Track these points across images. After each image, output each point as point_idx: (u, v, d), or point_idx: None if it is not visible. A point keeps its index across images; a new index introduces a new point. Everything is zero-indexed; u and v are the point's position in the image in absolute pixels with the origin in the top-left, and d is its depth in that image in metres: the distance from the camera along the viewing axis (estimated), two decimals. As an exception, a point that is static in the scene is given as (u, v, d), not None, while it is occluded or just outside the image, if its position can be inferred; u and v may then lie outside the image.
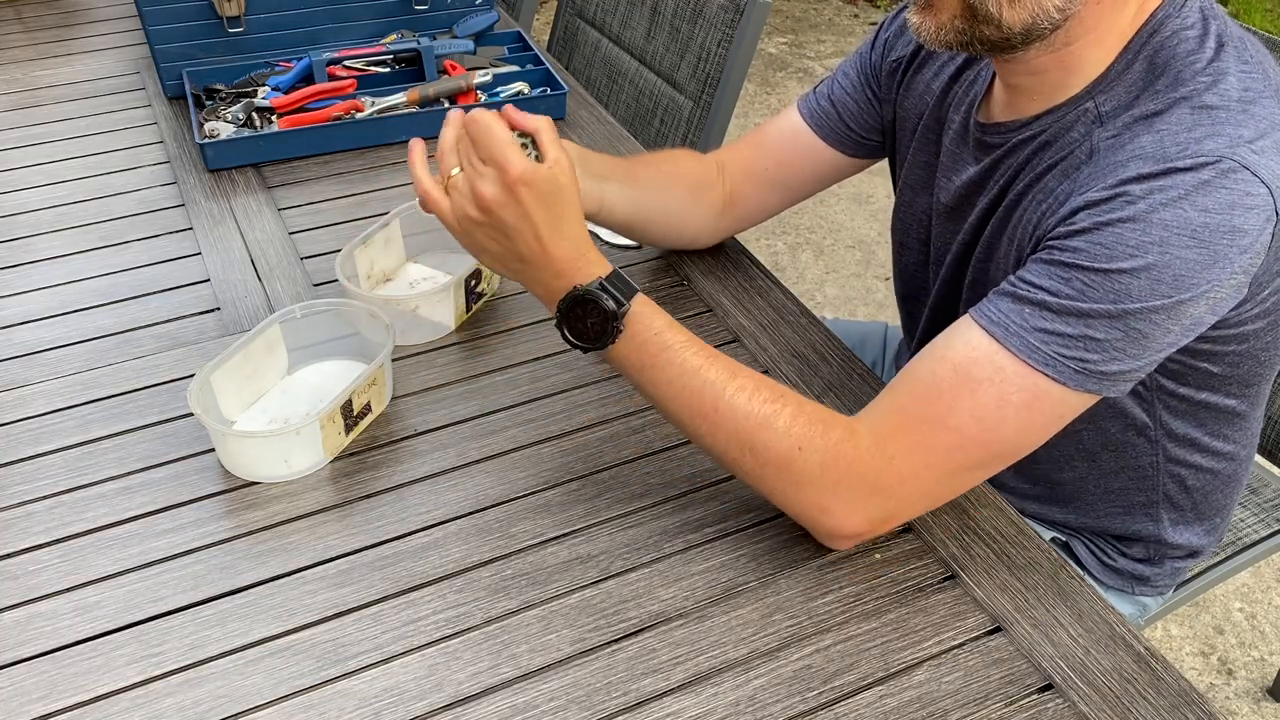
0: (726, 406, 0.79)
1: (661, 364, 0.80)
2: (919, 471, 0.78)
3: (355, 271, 1.09)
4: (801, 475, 0.78)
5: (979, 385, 0.75)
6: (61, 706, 0.74)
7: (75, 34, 1.76)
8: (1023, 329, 0.74)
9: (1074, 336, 0.73)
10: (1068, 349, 0.73)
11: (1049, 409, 0.76)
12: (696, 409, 0.80)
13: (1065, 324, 0.73)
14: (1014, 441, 0.78)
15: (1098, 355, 0.74)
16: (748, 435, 0.79)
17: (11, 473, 0.92)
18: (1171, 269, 0.71)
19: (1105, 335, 0.73)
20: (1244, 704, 1.65)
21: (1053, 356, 0.74)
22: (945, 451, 0.77)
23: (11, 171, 1.38)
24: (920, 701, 0.74)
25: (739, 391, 0.79)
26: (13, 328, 1.10)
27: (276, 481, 0.91)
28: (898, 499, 0.79)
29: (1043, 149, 0.84)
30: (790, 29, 3.99)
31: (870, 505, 0.79)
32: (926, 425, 0.77)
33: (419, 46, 1.49)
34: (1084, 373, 0.74)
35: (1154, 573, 1.06)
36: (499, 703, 0.74)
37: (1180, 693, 0.75)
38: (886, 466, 0.78)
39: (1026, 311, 0.74)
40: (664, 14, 1.67)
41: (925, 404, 0.77)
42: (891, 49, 1.03)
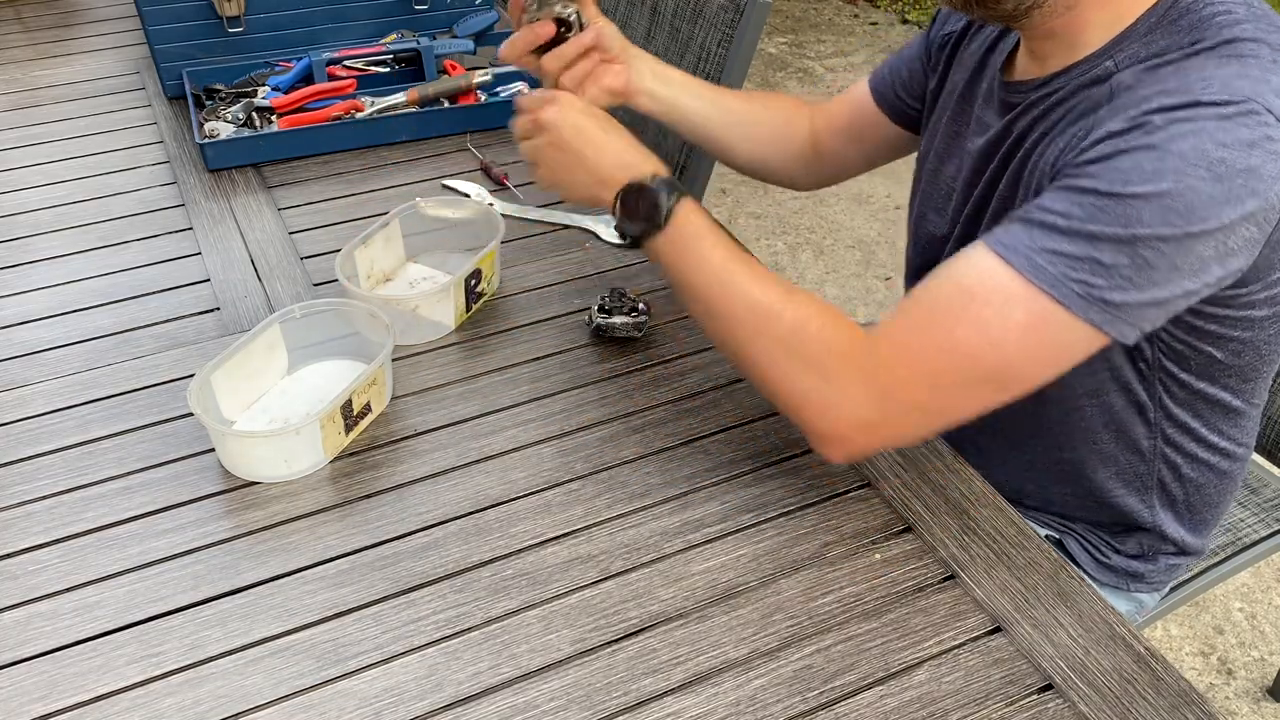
0: (742, 292, 0.84)
1: (692, 249, 0.86)
2: (914, 377, 0.79)
3: (355, 271, 1.09)
4: (801, 359, 0.81)
5: (983, 301, 0.76)
6: (61, 706, 0.74)
7: (75, 34, 1.76)
8: (1030, 250, 0.75)
9: (1080, 258, 0.73)
10: (1073, 270, 0.73)
11: (1051, 334, 0.76)
12: (717, 293, 0.85)
13: (1072, 245, 0.73)
14: (1013, 363, 0.77)
15: (1103, 281, 0.73)
16: (759, 317, 0.83)
17: (11, 473, 0.92)
18: (1184, 198, 0.71)
19: (1112, 260, 0.73)
20: (1244, 704, 1.65)
21: (1058, 278, 0.74)
22: (941, 360, 0.78)
23: (11, 171, 1.38)
24: (920, 701, 0.74)
25: (756, 282, 0.84)
26: (13, 328, 1.10)
27: (276, 481, 0.91)
28: (890, 405, 0.80)
29: (1058, 105, 0.85)
30: (790, 29, 3.99)
31: (855, 396, 0.80)
32: (926, 334, 0.78)
33: (419, 46, 1.49)
34: (1088, 298, 0.74)
35: (1148, 569, 1.06)
36: (499, 703, 0.74)
37: (1180, 693, 0.75)
38: (882, 367, 0.79)
39: (1036, 233, 0.75)
40: (664, 14, 1.67)
41: (928, 315, 0.79)
42: (945, 24, 1.06)
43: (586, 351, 1.06)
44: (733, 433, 0.96)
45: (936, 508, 0.89)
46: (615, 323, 1.05)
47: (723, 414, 0.98)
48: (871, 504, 0.89)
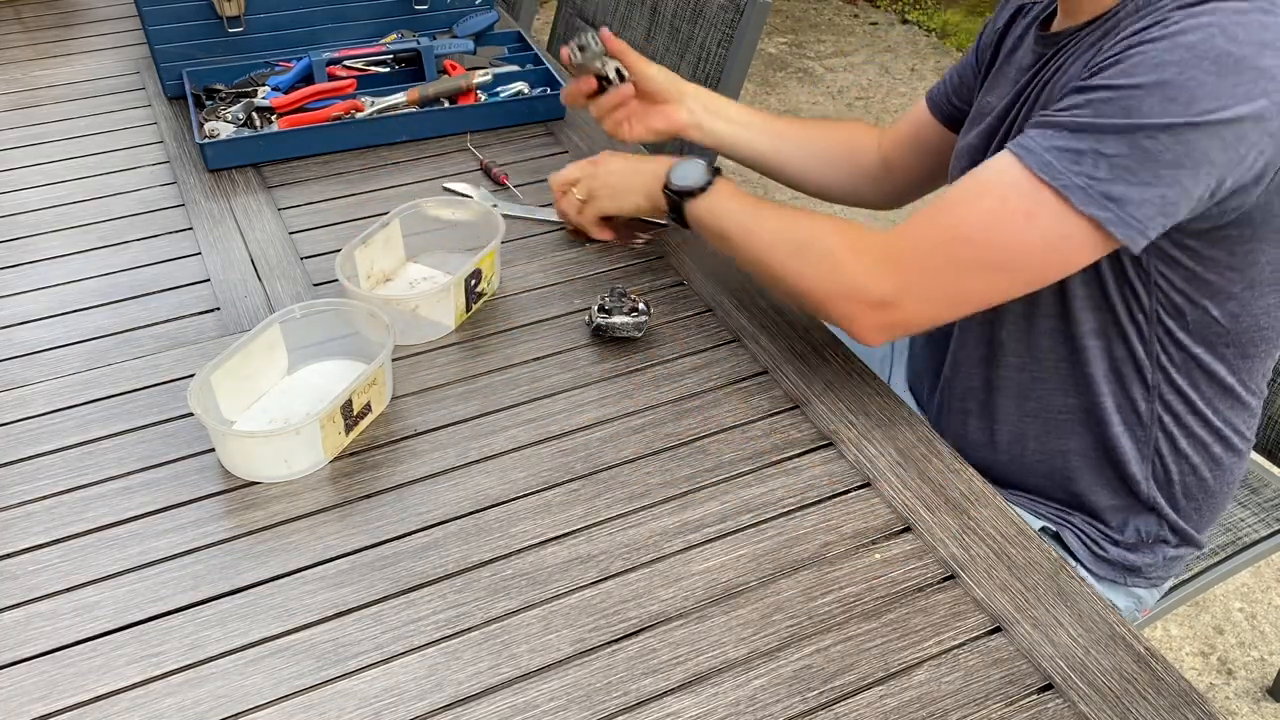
0: (770, 220, 0.98)
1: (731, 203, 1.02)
2: (924, 258, 0.86)
3: (355, 271, 1.09)
4: (808, 259, 0.93)
5: (989, 192, 0.83)
6: (61, 706, 0.74)
7: (75, 34, 1.76)
8: (1041, 148, 0.80)
9: (1084, 152, 0.78)
10: (1076, 163, 0.78)
11: (1054, 226, 0.80)
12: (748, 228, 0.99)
13: (1078, 140, 0.78)
14: (1018, 252, 0.83)
15: (1105, 173, 0.77)
16: (778, 237, 0.96)
17: (11, 473, 0.92)
18: (1186, 89, 0.73)
19: (1114, 150, 0.76)
20: (1244, 704, 1.65)
21: (1061, 171, 0.78)
22: (949, 243, 0.85)
23: (11, 171, 1.38)
24: (920, 701, 0.74)
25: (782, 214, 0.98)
26: (13, 328, 1.10)
27: (276, 481, 0.91)
28: (900, 282, 0.88)
29: (1097, 41, 0.87)
30: (790, 29, 3.99)
31: (867, 282, 0.89)
32: (937, 216, 0.87)
33: (419, 46, 1.49)
34: (1089, 190, 0.78)
35: (1145, 563, 1.06)
36: (499, 703, 0.74)
37: (1180, 693, 0.75)
38: (890, 250, 0.89)
39: (1050, 133, 0.80)
40: (664, 14, 1.67)
41: (943, 205, 0.87)
42: (997, 19, 1.10)
43: (586, 351, 1.06)
44: (733, 433, 0.96)
45: (936, 508, 0.89)
46: (615, 323, 1.05)
47: (723, 414, 0.98)
48: (871, 504, 0.89)
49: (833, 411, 0.98)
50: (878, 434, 0.96)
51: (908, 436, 0.96)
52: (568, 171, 1.18)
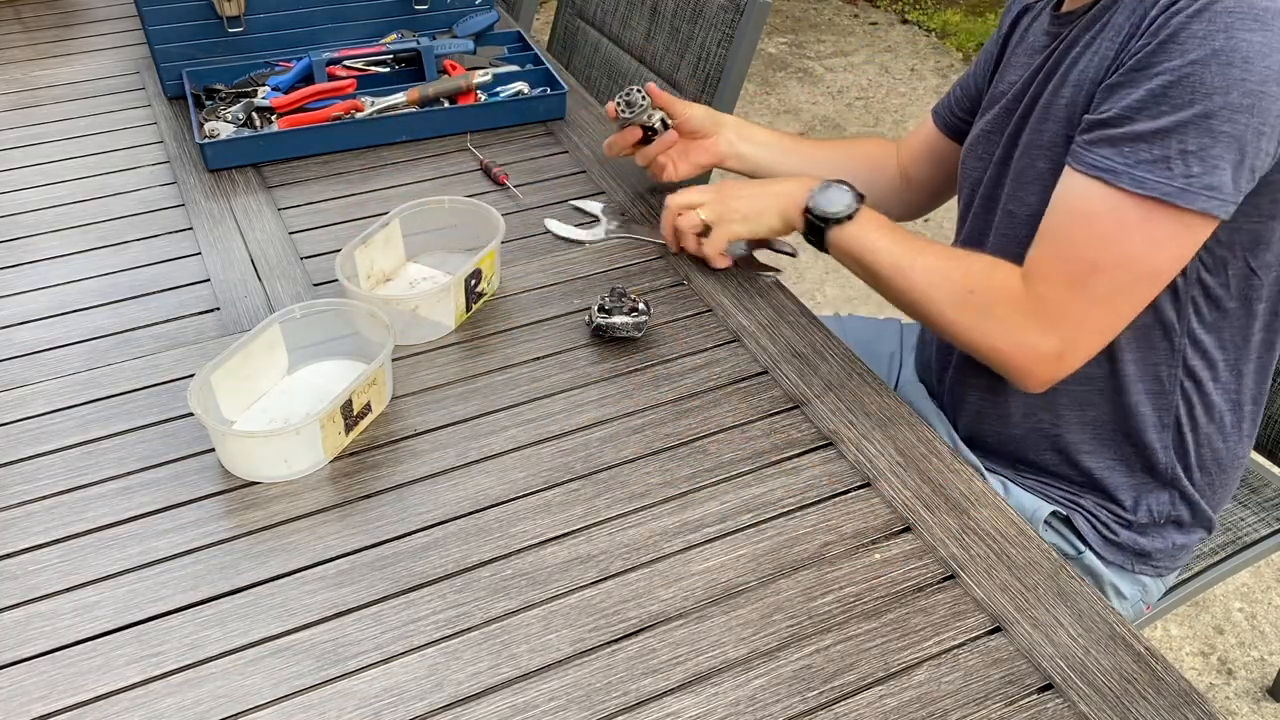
0: (922, 264, 0.97)
1: (879, 236, 1.00)
2: (1072, 302, 0.88)
3: (355, 271, 1.09)
4: (976, 315, 0.94)
5: (1095, 220, 0.85)
6: (61, 706, 0.74)
7: (75, 34, 1.76)
8: (1127, 167, 0.82)
9: (1170, 157, 0.80)
10: (1168, 169, 0.80)
11: (1164, 229, 0.83)
12: (899, 269, 0.98)
13: (1160, 146, 0.80)
14: (1144, 258, 0.85)
15: (1198, 168, 0.80)
16: (934, 286, 0.96)
17: (11, 473, 0.92)
18: (1239, 51, 0.75)
19: (1197, 145, 0.78)
20: (1244, 704, 1.65)
21: (1156, 182, 0.81)
22: (1085, 279, 0.87)
23: (11, 171, 1.38)
24: (920, 701, 0.74)
25: (932, 255, 0.98)
26: (13, 328, 1.10)
27: (276, 481, 0.91)
28: (1061, 332, 0.89)
29: (1102, 14, 0.91)
30: (790, 29, 3.99)
31: (1037, 342, 0.91)
32: (1062, 262, 0.88)
33: (419, 46, 1.49)
34: (1188, 190, 0.80)
35: (1155, 547, 1.06)
36: (499, 703, 0.74)
37: (1180, 693, 0.75)
38: (1042, 305, 0.89)
39: (1125, 149, 0.82)
40: (664, 14, 1.67)
41: (1057, 246, 0.88)
42: (1002, 26, 1.11)
43: (586, 351, 1.06)
44: (732, 433, 0.96)
45: (936, 508, 0.89)
46: (615, 323, 1.05)
47: (723, 414, 0.98)
48: (871, 504, 0.89)
49: (833, 411, 0.98)
50: (878, 434, 0.96)
51: (908, 436, 0.96)
52: (690, 194, 1.14)
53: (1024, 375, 0.93)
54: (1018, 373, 0.94)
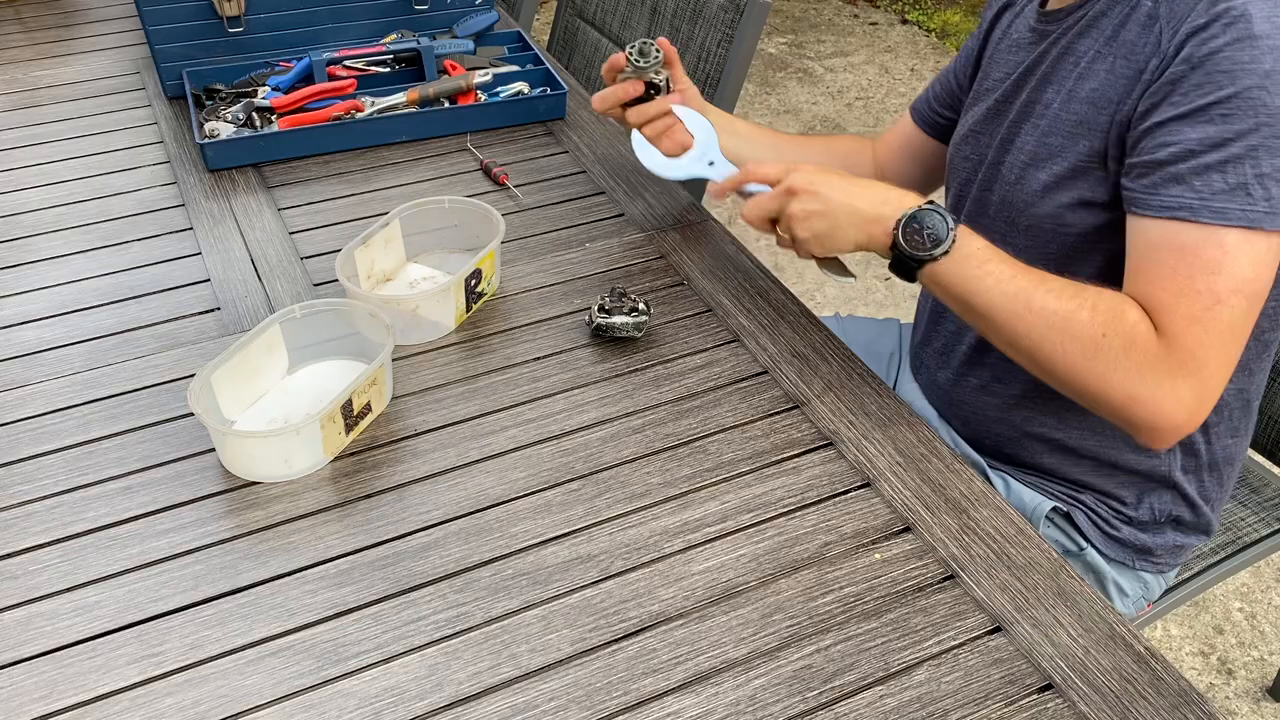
0: (1039, 306, 0.85)
1: (984, 273, 0.88)
2: (1202, 339, 0.82)
3: (355, 271, 1.09)
4: (1107, 361, 0.83)
5: (1197, 248, 0.81)
6: (61, 706, 0.74)
7: (75, 34, 1.76)
8: (1203, 200, 0.80)
9: (1249, 184, 0.79)
10: (1250, 196, 0.79)
11: (1264, 249, 0.80)
12: (1011, 311, 0.87)
13: (1235, 175, 0.79)
14: (1256, 280, 0.81)
15: (1276, 189, 0.79)
16: (1057, 329, 0.85)
17: (12, 473, 0.92)
18: None
19: (1270, 166, 0.78)
20: (1244, 704, 1.65)
21: (1243, 210, 0.79)
22: (1209, 312, 0.81)
23: (11, 171, 1.38)
24: (920, 701, 0.74)
25: (1048, 293, 0.86)
26: (13, 328, 1.10)
27: (276, 481, 0.91)
28: (1197, 373, 0.82)
29: (1099, 18, 0.90)
30: (790, 29, 3.99)
31: (1177, 387, 0.83)
32: (1180, 299, 0.82)
33: (419, 46, 1.49)
34: (1271, 213, 0.79)
35: (1156, 543, 1.06)
36: (499, 703, 0.74)
37: (1180, 693, 0.75)
38: (1173, 344, 0.82)
39: (1197, 184, 0.80)
40: (664, 14, 1.67)
41: (1164, 284, 0.82)
42: (982, 22, 1.11)
43: (586, 351, 1.06)
44: (732, 433, 0.96)
45: (936, 508, 0.89)
46: (615, 323, 1.05)
47: (723, 414, 0.98)
48: (871, 504, 0.89)
49: (833, 411, 0.98)
50: (878, 434, 0.96)
51: (908, 436, 0.96)
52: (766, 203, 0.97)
53: (1160, 427, 0.84)
54: (1154, 423, 0.84)
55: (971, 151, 1.06)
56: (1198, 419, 0.84)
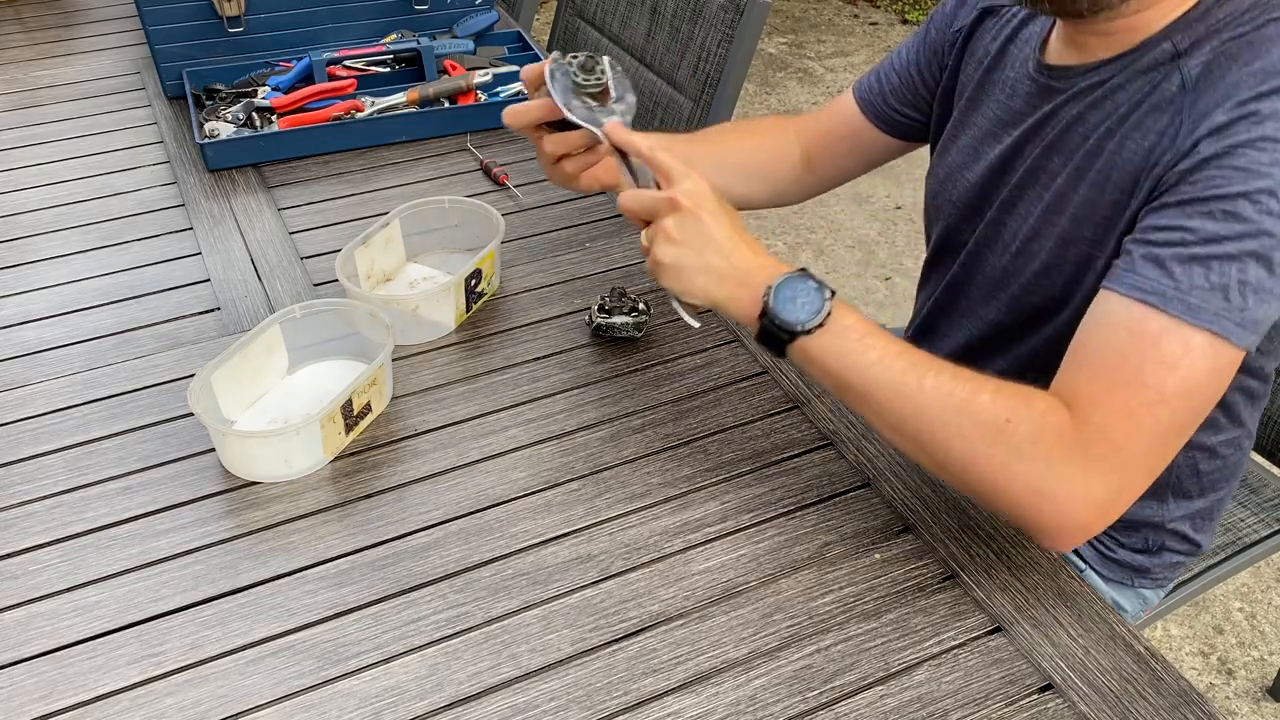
0: (931, 385, 0.77)
1: (864, 348, 0.79)
2: (1132, 437, 0.74)
3: (355, 271, 1.09)
4: (1011, 449, 0.74)
5: (1159, 339, 0.73)
6: (61, 706, 0.74)
7: (75, 34, 1.76)
8: (1179, 291, 0.73)
9: (1229, 286, 0.72)
10: (1227, 300, 0.72)
11: (1223, 362, 0.74)
12: (899, 391, 0.78)
13: (1219, 275, 0.72)
14: (1207, 389, 0.75)
15: (1251, 302, 0.72)
16: (953, 411, 0.76)
17: (12, 473, 0.92)
18: None
19: (1255, 276, 0.72)
20: (1244, 704, 1.65)
21: (1216, 313, 0.72)
22: (1149, 410, 0.74)
23: (11, 171, 1.38)
24: (920, 701, 0.74)
25: (941, 372, 0.78)
26: (13, 328, 1.10)
27: (276, 481, 0.91)
28: (1117, 473, 0.75)
29: (1116, 91, 0.83)
30: (790, 29, 3.99)
31: (1090, 483, 0.75)
32: (1123, 389, 0.74)
33: (419, 46, 1.49)
34: (1243, 324, 0.73)
35: (1153, 563, 1.06)
36: (499, 703, 0.74)
37: (1180, 693, 0.75)
38: (1097, 435, 0.74)
39: (1177, 272, 0.73)
40: (664, 14, 1.67)
41: (1113, 370, 0.75)
42: (953, 20, 1.03)
43: (586, 351, 1.06)
44: (733, 433, 0.96)
45: (936, 508, 0.89)
46: (615, 323, 1.05)
47: (723, 414, 0.98)
48: (871, 504, 0.89)
49: (833, 411, 0.98)
50: (877, 434, 0.96)
51: (908, 436, 0.96)
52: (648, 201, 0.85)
53: (1064, 527, 0.76)
54: (1058, 522, 0.76)
55: (962, 198, 1.00)
56: (1107, 521, 0.77)
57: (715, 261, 0.82)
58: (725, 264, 0.82)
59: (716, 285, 0.83)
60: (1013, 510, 0.77)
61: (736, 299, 0.82)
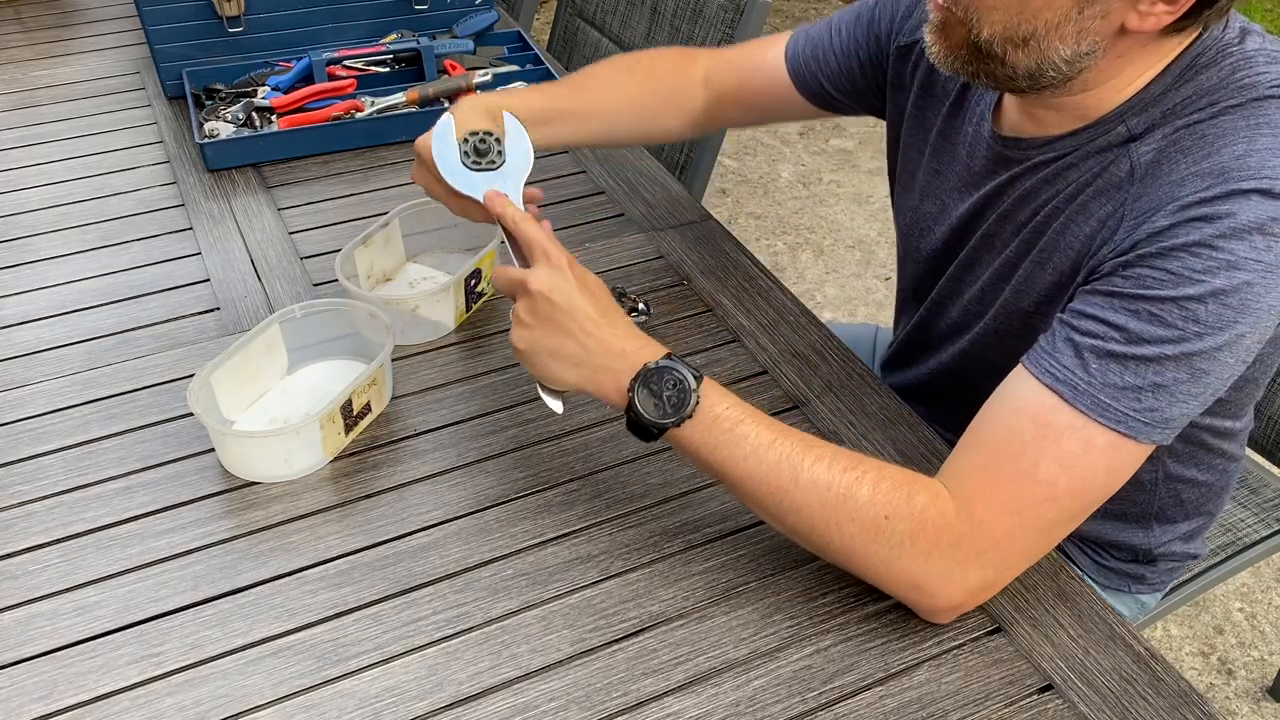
0: (807, 479, 0.75)
1: (737, 438, 0.77)
2: (1013, 532, 0.74)
3: (355, 271, 1.09)
4: (890, 546, 0.74)
5: (1061, 434, 0.72)
6: (61, 706, 0.74)
7: (75, 34, 1.76)
8: (1091, 386, 0.71)
9: (1142, 388, 0.70)
10: (1138, 402, 0.70)
11: (1125, 460, 0.73)
12: (775, 484, 0.76)
13: (1134, 375, 0.70)
14: (1103, 488, 0.74)
15: (1165, 400, 0.71)
16: (832, 507, 0.75)
17: (11, 473, 0.92)
18: (1239, 294, 0.68)
19: (1172, 379, 0.70)
20: (1244, 704, 1.65)
21: (1125, 414, 0.71)
22: (1037, 506, 0.73)
23: (11, 171, 1.38)
24: (920, 701, 0.74)
25: (817, 462, 0.75)
26: (13, 328, 1.10)
27: (276, 481, 0.91)
28: (995, 564, 0.75)
29: (1068, 169, 0.82)
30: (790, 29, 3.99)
31: (967, 574, 0.75)
32: (1014, 482, 0.73)
33: (419, 46, 1.49)
34: (1153, 424, 0.71)
35: (1149, 571, 1.06)
36: (499, 703, 0.74)
37: (1180, 693, 0.75)
38: (977, 531, 0.73)
39: (1093, 366, 0.71)
40: (664, 14, 1.67)
41: (1008, 460, 0.73)
42: (900, 31, 1.00)
43: (586, 351, 1.06)
44: (733, 433, 0.96)
45: (936, 508, 0.89)
46: (615, 323, 1.05)
47: (723, 414, 0.98)
48: (871, 504, 0.89)
49: (833, 411, 0.98)
50: (877, 434, 0.96)
51: (907, 436, 0.96)
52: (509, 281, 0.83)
53: (936, 608, 0.77)
54: (932, 604, 0.77)
55: (931, 250, 0.99)
56: (981, 600, 0.78)
57: (569, 348, 0.80)
58: (580, 350, 0.80)
59: (573, 372, 0.81)
60: (893, 594, 0.79)
61: (598, 384, 0.80)
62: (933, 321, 1.03)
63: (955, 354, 0.99)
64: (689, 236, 1.23)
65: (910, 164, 1.02)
